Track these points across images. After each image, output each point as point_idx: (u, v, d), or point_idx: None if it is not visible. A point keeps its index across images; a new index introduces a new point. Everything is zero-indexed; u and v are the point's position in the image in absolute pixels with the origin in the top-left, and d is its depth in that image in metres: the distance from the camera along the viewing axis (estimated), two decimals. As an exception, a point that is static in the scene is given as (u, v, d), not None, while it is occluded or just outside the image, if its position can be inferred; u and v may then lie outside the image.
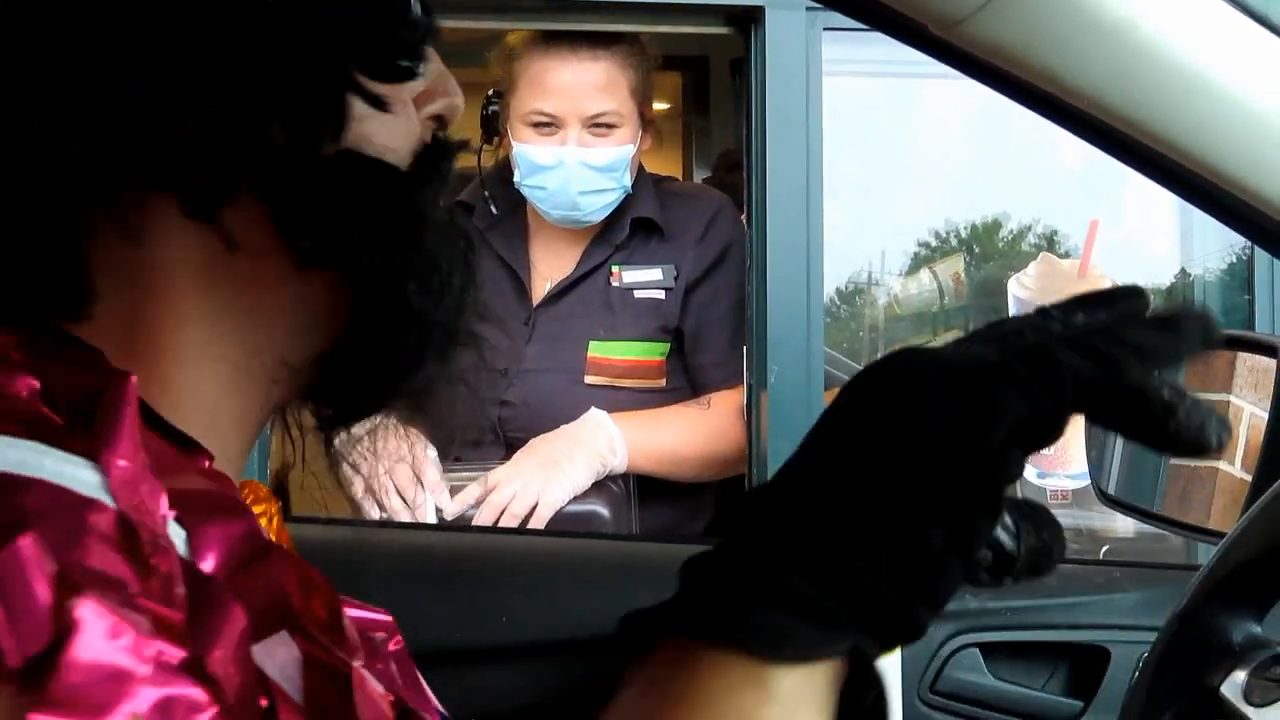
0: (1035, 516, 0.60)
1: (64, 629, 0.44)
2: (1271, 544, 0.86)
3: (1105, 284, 2.76)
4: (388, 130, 0.66)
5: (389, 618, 0.69)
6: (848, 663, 0.57)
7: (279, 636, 0.54)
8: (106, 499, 0.51)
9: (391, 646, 0.73)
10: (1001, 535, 0.59)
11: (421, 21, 0.69)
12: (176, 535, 0.54)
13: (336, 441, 0.76)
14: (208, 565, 0.54)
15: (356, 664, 0.58)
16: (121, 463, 0.53)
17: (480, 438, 2.25)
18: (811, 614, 0.54)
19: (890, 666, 1.25)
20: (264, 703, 0.52)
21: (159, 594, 0.49)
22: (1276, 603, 0.87)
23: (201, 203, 0.62)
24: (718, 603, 0.56)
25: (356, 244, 0.65)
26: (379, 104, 0.65)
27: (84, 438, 0.53)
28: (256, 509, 0.76)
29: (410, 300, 0.67)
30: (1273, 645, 0.84)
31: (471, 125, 2.35)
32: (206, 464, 0.61)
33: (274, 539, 0.78)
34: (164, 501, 0.54)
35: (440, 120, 0.72)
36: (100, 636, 0.44)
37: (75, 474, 0.51)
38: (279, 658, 0.54)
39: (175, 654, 0.47)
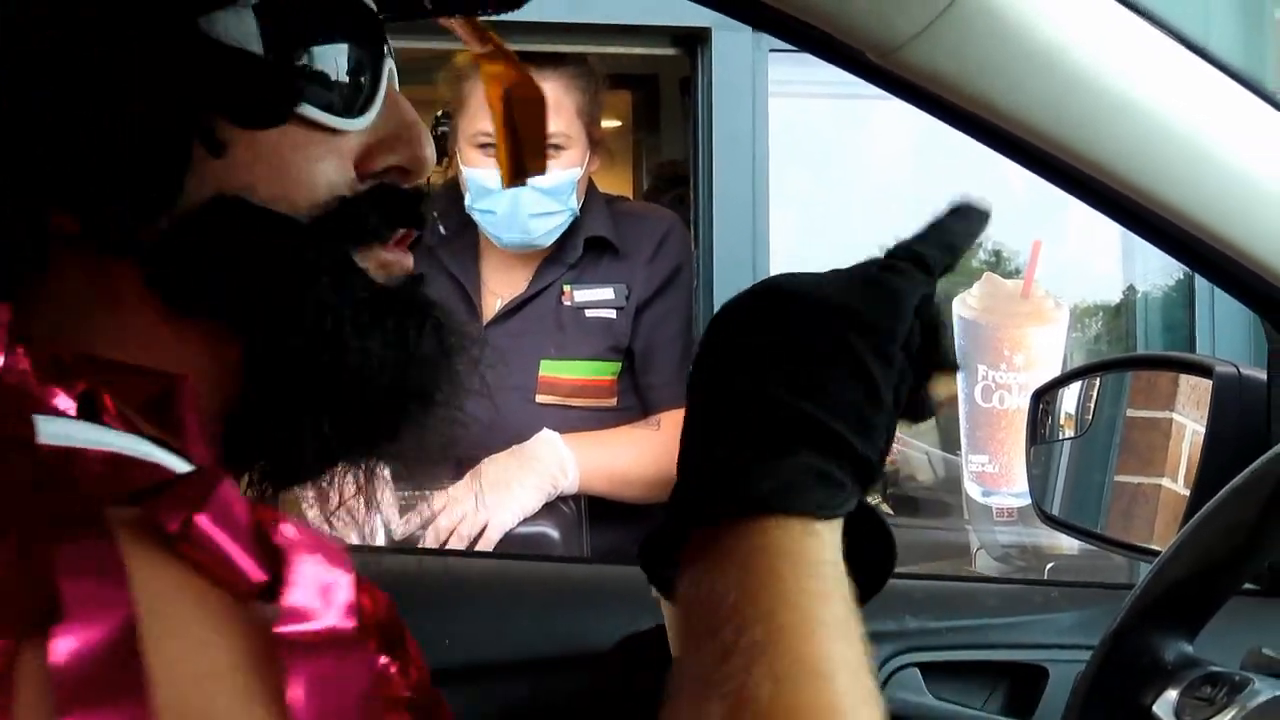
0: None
1: (278, 552, 0.49)
2: (1202, 564, 0.87)
3: (1049, 303, 2.79)
4: (280, 180, 0.64)
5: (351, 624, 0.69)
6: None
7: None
8: None
9: None
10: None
11: (296, 73, 0.66)
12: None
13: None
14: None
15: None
16: (203, 458, 0.56)
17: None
18: (828, 478, 0.63)
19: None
20: None
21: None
22: (1208, 622, 0.88)
23: (85, 257, 0.62)
24: (750, 482, 0.63)
25: (224, 293, 0.63)
26: (215, 149, 0.62)
27: (162, 438, 0.55)
28: None
29: (303, 357, 0.64)
30: (1204, 665, 0.85)
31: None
32: None
33: None
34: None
35: (404, 172, 0.70)
36: (306, 557, 0.49)
37: (176, 463, 0.54)
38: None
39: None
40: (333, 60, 0.67)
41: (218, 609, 0.48)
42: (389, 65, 0.71)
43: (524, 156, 0.91)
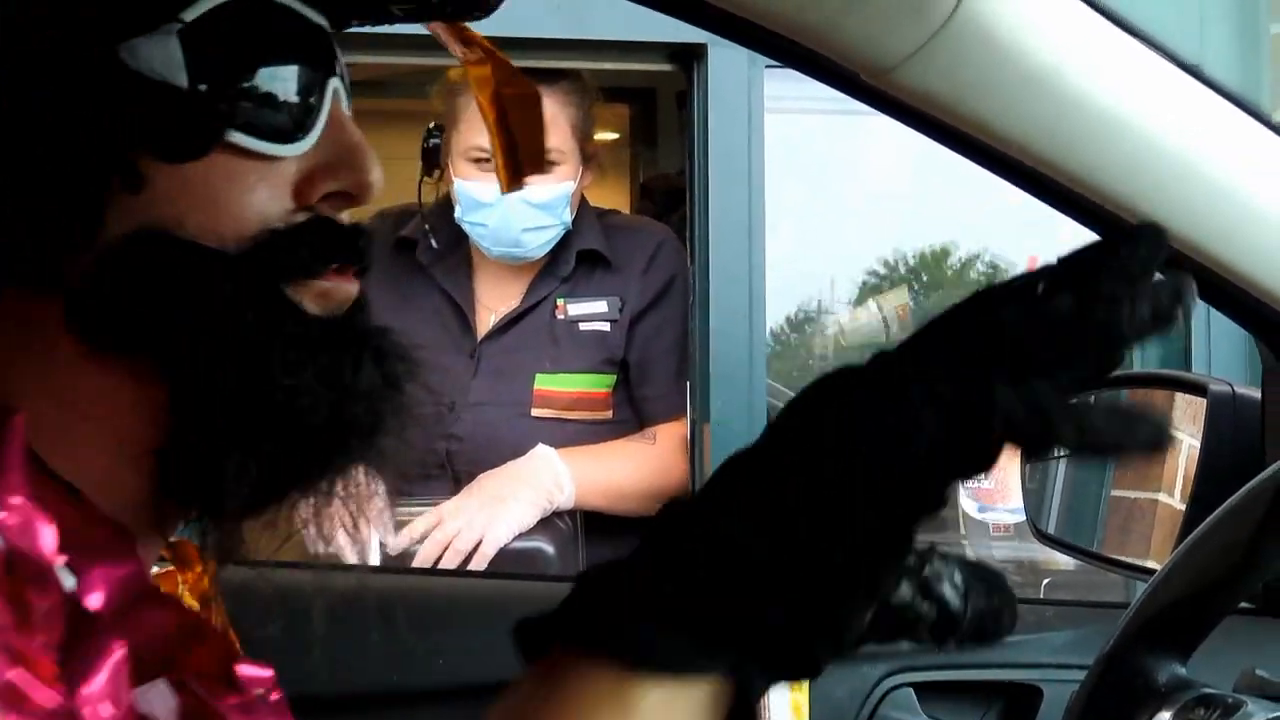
0: (988, 579, 0.60)
1: None
2: (1196, 586, 0.87)
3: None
4: (208, 211, 0.62)
5: (269, 672, 0.63)
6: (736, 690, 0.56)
7: (157, 686, 0.54)
8: None
9: (273, 697, 0.70)
10: (948, 593, 0.58)
11: (217, 102, 0.63)
12: (66, 577, 0.54)
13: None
14: (93, 605, 0.54)
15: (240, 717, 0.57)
16: (14, 500, 0.52)
17: (427, 472, 2.24)
18: (685, 629, 0.54)
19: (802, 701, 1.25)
20: None
21: (39, 633, 0.49)
22: (1201, 644, 0.88)
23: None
24: (597, 612, 0.57)
25: (148, 330, 0.61)
26: (132, 184, 0.60)
27: None
28: (190, 571, 0.76)
29: (228, 395, 0.62)
30: (1197, 687, 0.85)
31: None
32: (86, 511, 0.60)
33: (208, 596, 0.77)
34: (54, 540, 0.53)
35: (348, 197, 0.67)
36: None
37: None
38: (157, 706, 0.54)
39: (50, 701, 0.47)
40: (268, 83, 0.64)
41: None
42: (334, 85, 0.67)
43: (521, 158, 0.88)
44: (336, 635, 1.23)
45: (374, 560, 2.03)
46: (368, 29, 0.75)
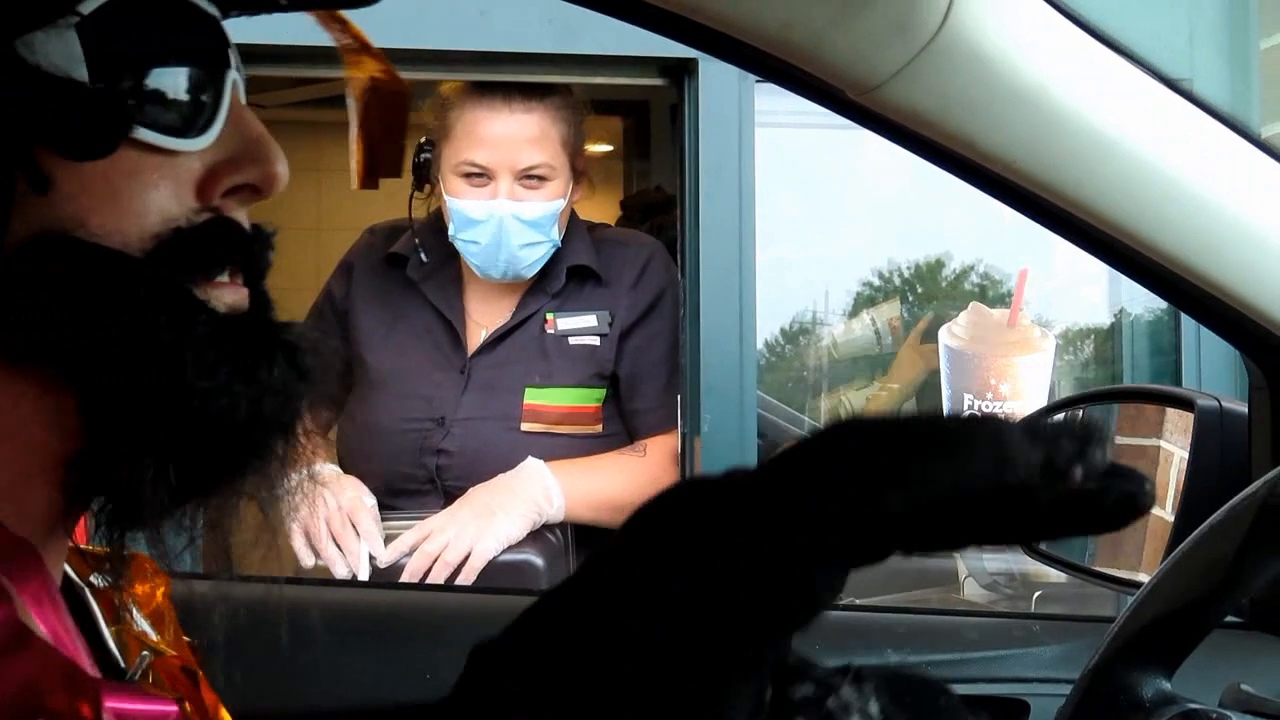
0: (919, 703, 0.54)
1: None
2: (1180, 601, 0.87)
3: (1035, 333, 2.80)
4: (111, 210, 0.60)
5: (172, 708, 0.61)
6: None
7: None
8: None
9: None
10: None
11: (121, 95, 0.61)
12: None
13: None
14: None
15: None
16: None
17: (418, 487, 2.24)
18: None
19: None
20: None
21: None
22: (1186, 659, 0.88)
23: None
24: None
25: (57, 337, 0.59)
26: (39, 185, 0.58)
27: None
28: (142, 585, 0.75)
29: (142, 400, 0.60)
30: (1182, 702, 0.85)
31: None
32: None
33: (160, 612, 0.76)
34: None
35: (254, 190, 0.66)
36: None
37: None
38: None
39: None
40: (168, 77, 0.62)
41: None
42: (232, 77, 0.66)
43: (380, 157, 0.85)
44: (326, 650, 1.23)
45: (364, 575, 2.04)
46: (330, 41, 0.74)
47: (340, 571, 2.04)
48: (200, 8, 0.65)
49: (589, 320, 2.30)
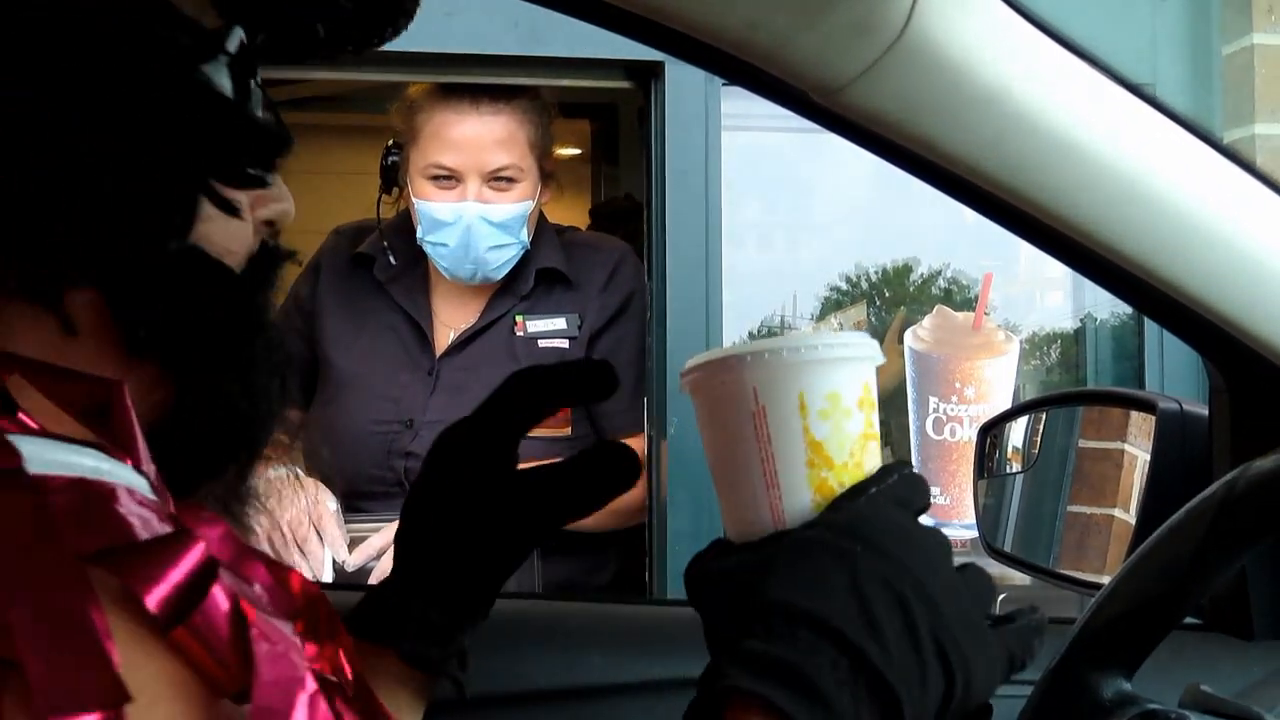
0: None
1: (248, 652, 0.50)
2: (1140, 602, 0.88)
3: (1000, 336, 2.81)
4: (226, 233, 0.67)
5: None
6: None
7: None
8: (160, 504, 0.54)
9: None
10: None
11: (275, 131, 0.69)
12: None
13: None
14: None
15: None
16: (149, 467, 0.57)
17: (386, 490, 2.23)
18: (797, 673, 0.64)
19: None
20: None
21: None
22: (1146, 659, 0.88)
23: (42, 287, 0.61)
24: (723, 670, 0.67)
25: (187, 339, 0.65)
26: (229, 209, 0.65)
27: (113, 443, 0.56)
28: None
29: (231, 400, 0.67)
30: (1142, 702, 0.85)
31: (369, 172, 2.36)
32: None
33: None
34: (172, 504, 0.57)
35: (271, 225, 0.73)
36: (273, 651, 0.51)
37: (133, 479, 0.55)
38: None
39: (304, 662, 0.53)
40: (257, 115, 0.69)
41: (198, 705, 0.49)
42: None
43: None
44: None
45: (327, 577, 2.03)
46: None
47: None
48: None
49: (558, 323, 2.30)
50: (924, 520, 0.74)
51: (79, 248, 0.61)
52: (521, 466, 2.20)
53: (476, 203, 2.18)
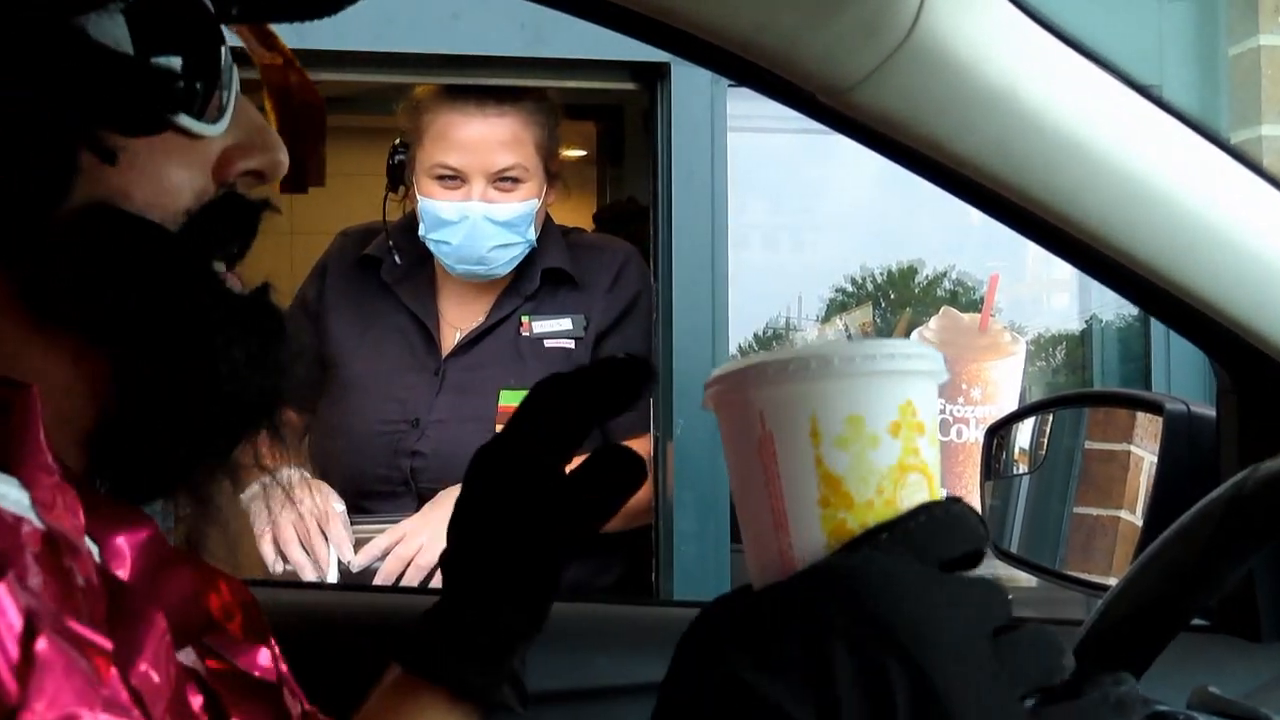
0: None
1: (28, 675, 0.45)
2: (1148, 603, 0.88)
3: (1006, 337, 2.81)
4: (155, 186, 0.63)
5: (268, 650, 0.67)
6: None
7: (187, 650, 0.57)
8: (33, 517, 0.51)
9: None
10: None
11: (172, 74, 0.64)
12: (91, 547, 0.55)
13: (245, 494, 0.75)
14: (121, 575, 0.55)
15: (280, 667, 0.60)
16: (45, 477, 0.53)
17: (392, 489, 2.23)
18: None
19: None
20: (199, 699, 0.55)
21: (86, 612, 0.50)
22: (1154, 661, 0.88)
23: None
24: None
25: (101, 304, 0.61)
26: (107, 157, 0.60)
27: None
28: None
29: (180, 367, 0.63)
30: (1149, 704, 0.85)
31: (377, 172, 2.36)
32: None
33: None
34: (80, 513, 0.54)
35: (259, 175, 0.70)
36: (61, 678, 0.46)
37: (4, 491, 0.51)
38: (193, 663, 0.57)
39: (112, 684, 0.48)
40: (194, 64, 0.66)
41: None
42: (234, 69, 0.70)
43: (305, 166, 0.87)
44: (296, 653, 1.22)
45: (332, 578, 2.03)
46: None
47: (308, 577, 2.03)
48: (206, 5, 0.68)
49: (564, 324, 2.30)
50: (971, 572, 0.61)
51: None
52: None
53: (481, 202, 2.18)
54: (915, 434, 0.61)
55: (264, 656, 0.62)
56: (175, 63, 0.65)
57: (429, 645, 0.82)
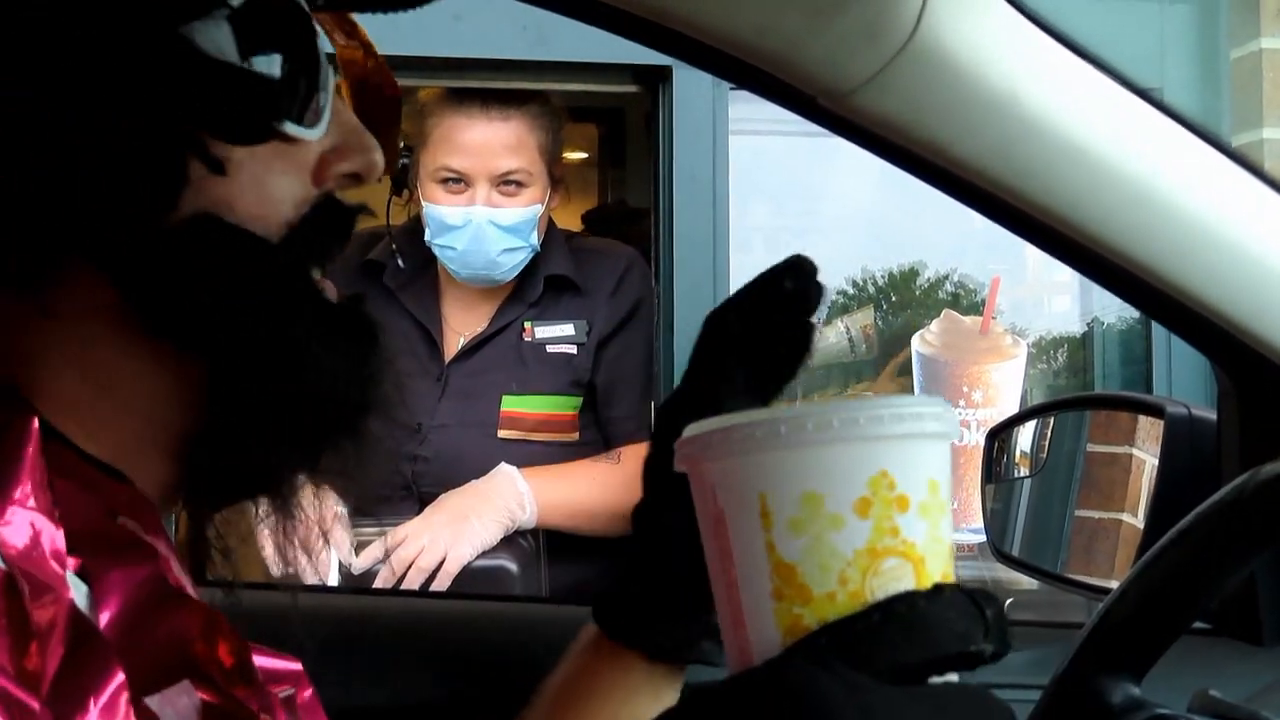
0: None
1: None
2: (1149, 606, 0.88)
3: (1007, 340, 2.81)
4: (259, 195, 0.63)
5: (297, 666, 0.67)
6: None
7: (180, 686, 0.55)
8: None
9: (303, 695, 0.71)
10: None
11: (277, 81, 0.64)
12: (77, 585, 0.54)
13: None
14: (108, 613, 0.54)
15: (264, 715, 0.58)
16: (14, 512, 0.52)
17: (393, 493, 2.23)
18: None
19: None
20: None
21: (34, 659, 0.49)
22: (1155, 664, 0.88)
23: (20, 273, 0.58)
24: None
25: (205, 313, 0.61)
26: (216, 167, 0.60)
27: None
28: None
29: (280, 376, 0.63)
30: (1150, 707, 0.85)
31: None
32: (124, 492, 0.61)
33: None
34: (62, 550, 0.53)
35: (357, 178, 0.69)
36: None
37: None
38: (179, 707, 0.55)
39: None
40: (295, 69, 0.65)
41: None
42: (330, 70, 0.69)
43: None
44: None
45: (333, 580, 2.03)
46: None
47: (308, 579, 2.03)
48: (303, 6, 0.67)
49: (567, 329, 2.31)
50: (944, 678, 0.55)
51: (57, 226, 0.58)
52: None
53: (485, 207, 2.18)
54: (893, 511, 0.53)
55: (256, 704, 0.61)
56: (276, 66, 0.64)
57: (623, 609, 0.86)
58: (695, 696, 0.55)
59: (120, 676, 0.52)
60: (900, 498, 0.53)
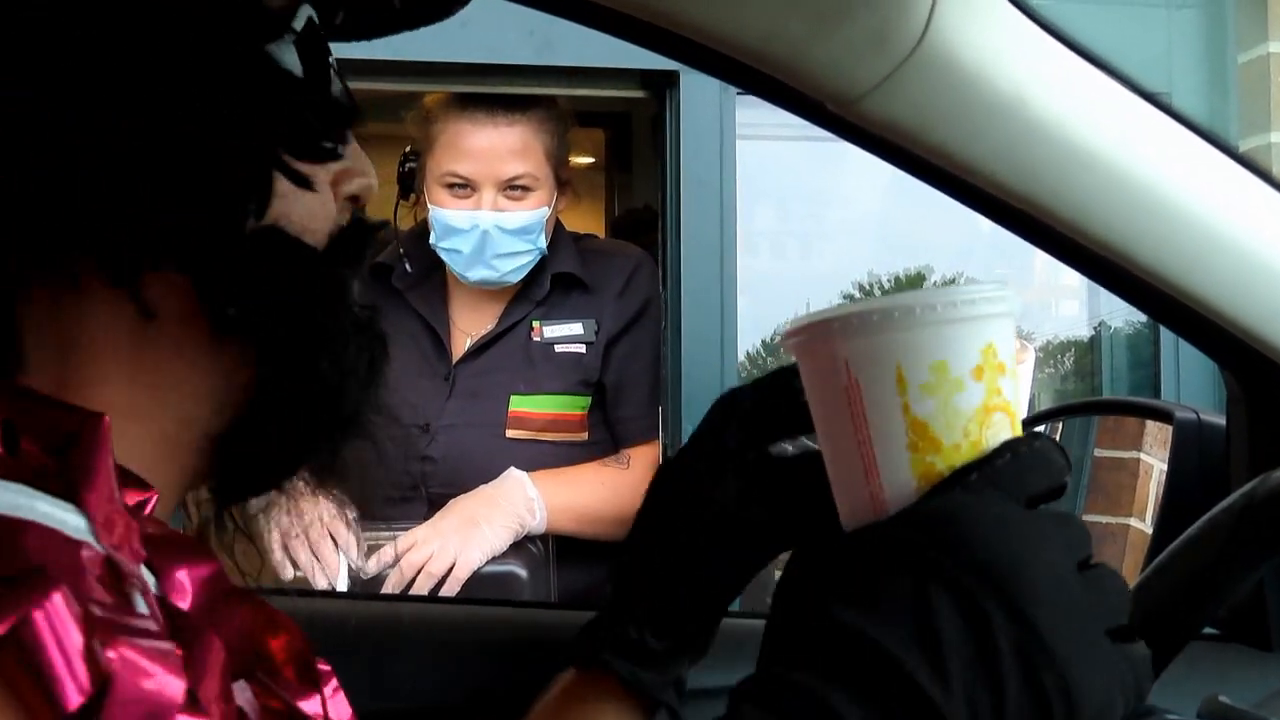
0: None
1: (104, 673, 0.47)
2: (1157, 610, 0.88)
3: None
4: (306, 209, 0.66)
5: (326, 667, 0.68)
6: None
7: (240, 684, 0.58)
8: (93, 541, 0.52)
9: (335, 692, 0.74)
10: None
11: (345, 103, 0.69)
12: (149, 578, 0.56)
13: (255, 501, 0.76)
14: (180, 605, 0.56)
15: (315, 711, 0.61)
16: (109, 507, 0.55)
17: (402, 494, 2.24)
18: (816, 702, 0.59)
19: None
20: None
21: (151, 630, 0.51)
22: (1165, 670, 0.88)
23: (122, 271, 0.61)
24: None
25: (271, 317, 0.64)
26: (303, 183, 0.65)
27: (64, 479, 0.54)
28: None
29: (318, 377, 0.66)
30: (1159, 713, 0.85)
31: (388, 181, 2.36)
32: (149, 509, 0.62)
33: None
34: (138, 545, 0.55)
35: (355, 200, 0.72)
36: (134, 678, 0.48)
37: (64, 518, 0.53)
38: (245, 700, 0.58)
39: (181, 686, 0.50)
40: (335, 91, 0.69)
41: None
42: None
43: None
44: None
45: (342, 585, 2.03)
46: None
47: (318, 583, 2.03)
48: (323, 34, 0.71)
49: (575, 328, 2.31)
50: (1053, 507, 0.64)
51: (156, 230, 0.60)
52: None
53: (491, 211, 2.19)
54: (997, 375, 0.63)
55: (313, 704, 0.63)
56: (338, 87, 0.68)
57: (599, 639, 0.85)
58: (859, 536, 0.63)
59: (223, 652, 0.55)
60: (1000, 364, 0.63)
